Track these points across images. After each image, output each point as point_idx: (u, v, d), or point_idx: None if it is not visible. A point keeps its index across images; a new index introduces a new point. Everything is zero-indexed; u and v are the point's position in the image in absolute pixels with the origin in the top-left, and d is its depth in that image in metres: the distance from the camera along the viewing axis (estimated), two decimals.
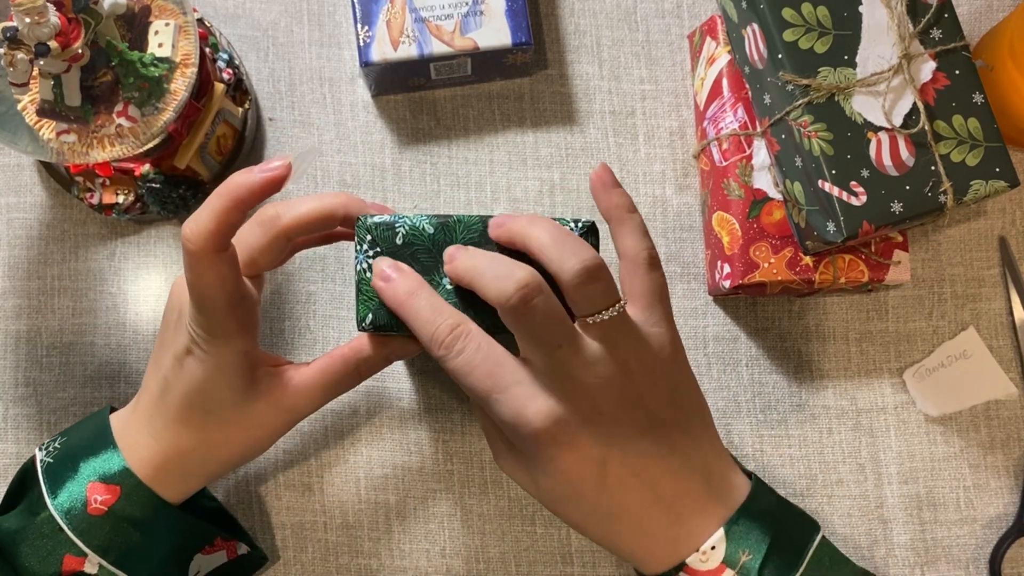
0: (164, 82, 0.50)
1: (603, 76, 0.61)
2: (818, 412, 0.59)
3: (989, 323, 0.59)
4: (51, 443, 0.48)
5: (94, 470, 0.45)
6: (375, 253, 0.43)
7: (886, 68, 0.50)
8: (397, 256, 0.43)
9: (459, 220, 0.43)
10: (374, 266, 0.43)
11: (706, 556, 0.42)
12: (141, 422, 0.47)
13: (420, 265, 0.43)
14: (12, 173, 0.59)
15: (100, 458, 0.46)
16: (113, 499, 0.45)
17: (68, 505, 0.45)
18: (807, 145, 0.50)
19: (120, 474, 0.45)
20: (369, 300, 0.43)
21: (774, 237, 0.54)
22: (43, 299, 0.58)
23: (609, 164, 0.60)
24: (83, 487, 0.45)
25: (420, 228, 0.43)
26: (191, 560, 0.49)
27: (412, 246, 0.43)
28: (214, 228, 0.39)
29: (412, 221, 0.43)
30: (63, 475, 0.46)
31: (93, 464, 0.46)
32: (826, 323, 0.59)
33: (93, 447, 0.46)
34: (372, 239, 0.43)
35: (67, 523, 0.44)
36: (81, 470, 0.46)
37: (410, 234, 0.43)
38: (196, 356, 0.43)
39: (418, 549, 0.57)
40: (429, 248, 0.43)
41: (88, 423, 0.49)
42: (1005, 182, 0.50)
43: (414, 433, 0.58)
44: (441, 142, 0.60)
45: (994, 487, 0.58)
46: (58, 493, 0.45)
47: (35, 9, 0.45)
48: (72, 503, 0.45)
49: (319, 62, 0.60)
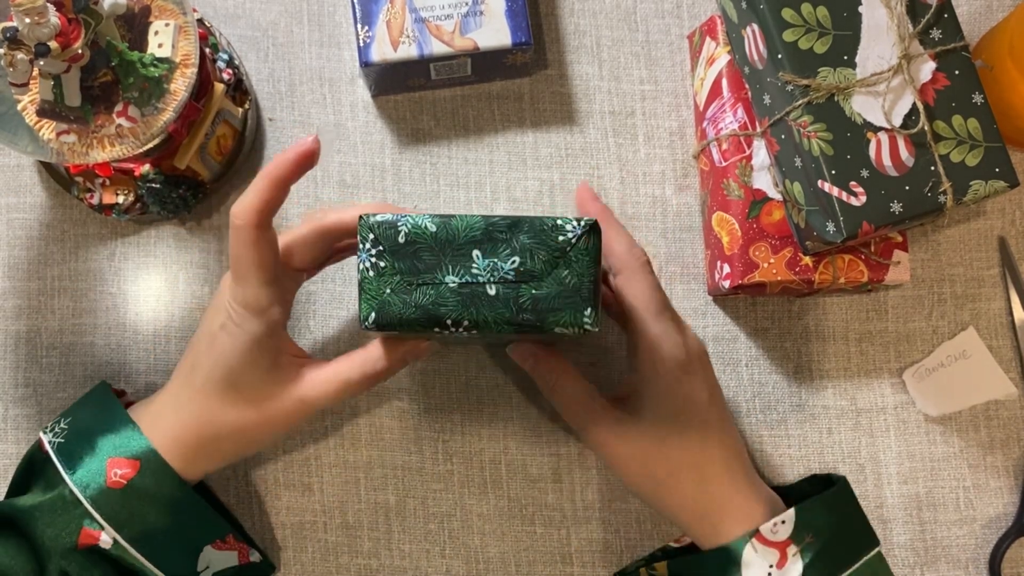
0: (164, 82, 0.50)
1: (603, 76, 0.61)
2: (818, 412, 0.59)
3: (989, 323, 0.59)
4: (55, 425, 0.49)
5: (113, 446, 0.47)
6: (378, 252, 0.43)
7: (886, 68, 0.50)
8: (399, 255, 0.43)
9: (461, 219, 0.43)
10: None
11: (776, 528, 0.48)
12: (167, 400, 0.49)
13: (423, 263, 0.43)
14: (12, 173, 0.59)
15: (120, 435, 0.48)
16: (133, 473, 0.47)
17: (87, 480, 0.47)
18: (807, 145, 0.50)
19: (140, 449, 0.47)
20: (372, 299, 0.43)
21: (774, 237, 0.54)
22: (43, 299, 0.58)
23: (609, 164, 0.60)
24: (103, 462, 0.47)
25: (422, 227, 0.43)
26: (201, 551, 0.49)
27: (414, 244, 0.43)
28: (257, 204, 0.44)
29: (414, 220, 0.43)
30: (79, 452, 0.47)
31: (112, 440, 0.47)
32: (826, 323, 0.59)
33: (108, 424, 0.48)
34: (375, 238, 0.43)
35: (86, 496, 0.46)
36: (99, 447, 0.47)
37: (412, 232, 0.43)
38: (228, 330, 0.46)
39: (418, 549, 0.57)
40: (431, 246, 0.43)
41: (90, 401, 0.50)
42: (1005, 182, 0.50)
43: (414, 433, 0.58)
44: (441, 142, 0.60)
45: (994, 487, 0.58)
46: (76, 468, 0.47)
47: (35, 9, 0.45)
48: (91, 478, 0.46)
49: (319, 62, 0.60)
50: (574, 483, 0.58)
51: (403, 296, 0.43)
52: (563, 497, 0.58)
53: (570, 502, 0.58)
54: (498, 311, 0.42)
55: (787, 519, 0.48)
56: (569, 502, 0.58)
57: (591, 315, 0.43)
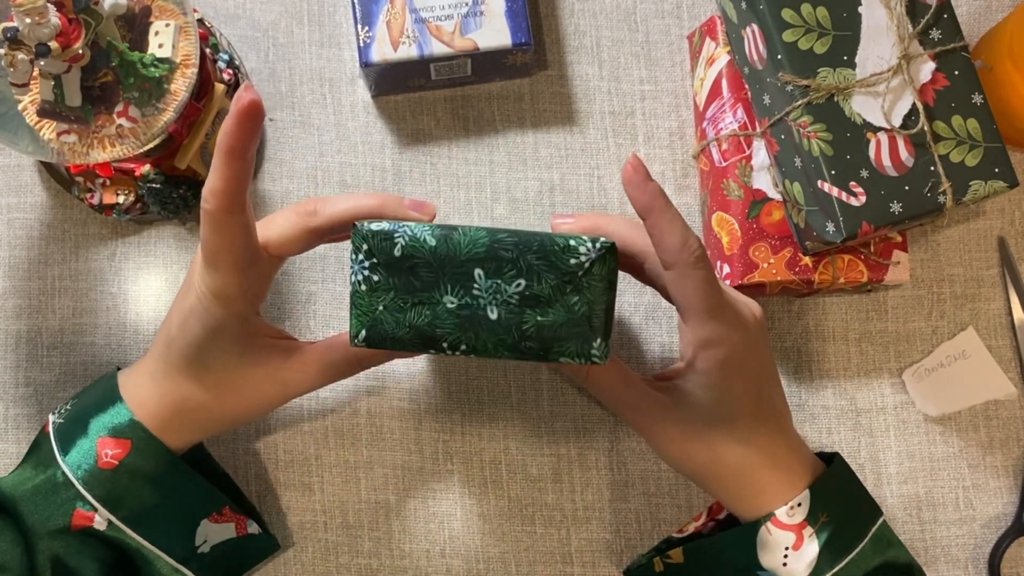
0: (164, 82, 0.50)
1: (603, 76, 0.61)
2: (818, 412, 0.59)
3: (988, 323, 0.60)
4: (63, 407, 0.49)
5: (103, 425, 0.47)
6: (371, 265, 0.40)
7: (885, 69, 0.50)
8: (394, 269, 0.40)
9: (464, 233, 0.40)
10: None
11: (793, 512, 0.47)
12: (146, 374, 0.48)
13: (420, 281, 0.40)
14: (12, 173, 0.59)
15: (108, 413, 0.47)
16: (124, 453, 0.46)
17: (79, 461, 0.46)
18: (806, 145, 0.50)
19: (129, 427, 0.46)
20: (363, 315, 0.41)
21: (773, 237, 0.54)
22: (43, 299, 0.58)
23: (609, 164, 0.60)
24: (93, 443, 0.46)
25: (421, 240, 0.40)
26: (198, 525, 0.49)
27: (411, 259, 0.40)
28: (220, 185, 0.40)
29: (412, 231, 0.40)
30: (73, 433, 0.47)
31: (102, 420, 0.47)
32: (825, 323, 0.59)
33: (101, 404, 0.48)
34: (368, 249, 0.40)
35: (77, 478, 0.46)
36: (91, 427, 0.47)
37: (409, 246, 0.40)
38: (196, 314, 0.45)
39: (418, 549, 0.57)
40: (430, 262, 0.40)
41: (98, 385, 0.50)
42: (1004, 182, 0.50)
43: (414, 433, 0.58)
44: (441, 142, 0.60)
45: (993, 487, 0.58)
46: (69, 450, 0.46)
47: (36, 9, 0.45)
48: (83, 459, 0.46)
49: (319, 62, 0.60)
50: (574, 483, 0.58)
51: (396, 315, 0.40)
52: (563, 497, 0.58)
53: (570, 502, 0.58)
54: (499, 337, 0.40)
55: (803, 501, 0.47)
56: (569, 502, 0.58)
57: (600, 346, 0.40)
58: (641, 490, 0.58)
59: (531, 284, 0.40)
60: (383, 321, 0.40)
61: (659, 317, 0.59)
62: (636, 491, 0.58)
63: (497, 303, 0.40)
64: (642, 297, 0.59)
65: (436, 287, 0.40)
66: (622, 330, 0.59)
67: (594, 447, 0.58)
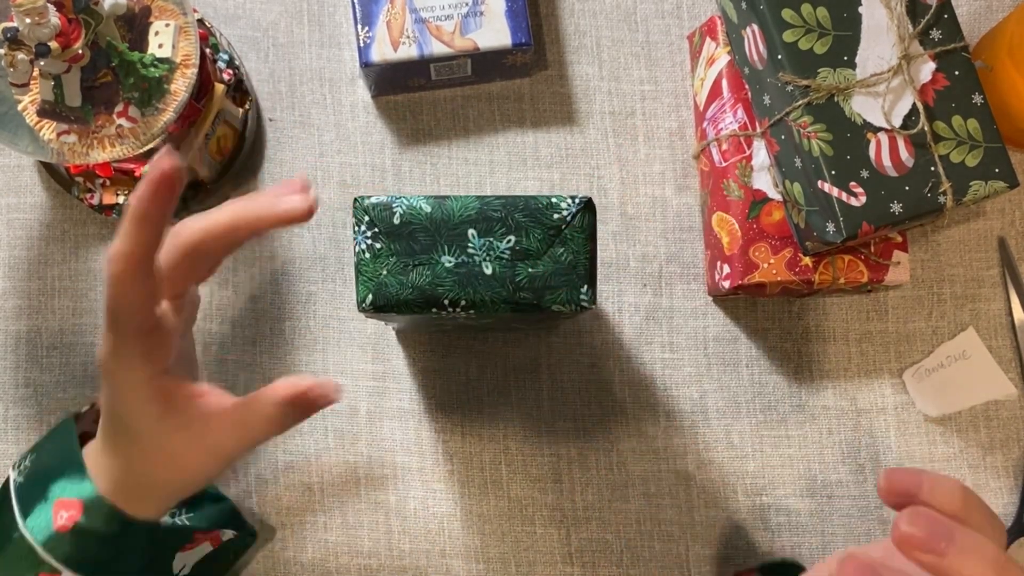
0: (164, 83, 0.50)
1: (603, 76, 0.61)
2: (818, 412, 0.59)
3: (988, 323, 0.60)
4: (22, 461, 0.48)
5: (62, 489, 0.45)
6: (373, 234, 0.44)
7: (886, 69, 0.50)
8: (395, 236, 0.44)
9: (456, 199, 0.44)
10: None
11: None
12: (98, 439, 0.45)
13: (418, 244, 0.44)
14: (12, 174, 0.59)
15: (69, 478, 0.45)
16: (78, 514, 0.44)
17: (40, 523, 0.45)
18: (807, 146, 0.50)
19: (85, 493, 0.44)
20: (369, 280, 0.44)
21: (774, 238, 0.54)
22: (43, 299, 0.58)
23: (609, 164, 0.60)
24: (51, 506, 0.45)
25: (417, 208, 0.44)
26: (173, 559, 0.49)
27: (410, 225, 0.44)
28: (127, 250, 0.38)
29: (409, 201, 0.44)
30: (34, 495, 0.46)
31: (61, 483, 0.45)
32: (826, 324, 0.59)
33: (60, 466, 0.46)
34: (370, 219, 0.44)
35: (39, 542, 0.45)
36: (50, 490, 0.45)
37: (407, 214, 0.44)
38: (108, 380, 0.42)
39: (418, 549, 0.57)
40: (427, 227, 0.44)
41: (54, 438, 0.48)
42: (1004, 183, 0.50)
43: (414, 433, 0.58)
44: (441, 142, 0.60)
45: (994, 487, 0.58)
46: (29, 514, 0.45)
47: (35, 10, 0.45)
48: (43, 521, 0.45)
49: (319, 62, 0.60)
50: (574, 483, 0.58)
51: (400, 277, 0.43)
52: (563, 497, 0.58)
53: (570, 502, 0.58)
54: (495, 290, 0.43)
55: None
56: (569, 502, 0.58)
57: (588, 292, 0.44)
58: (641, 490, 0.58)
59: (520, 239, 0.43)
60: (388, 285, 0.44)
61: (659, 317, 0.59)
62: (636, 491, 0.58)
63: (491, 259, 0.44)
64: (642, 297, 0.59)
65: (434, 249, 0.44)
66: (623, 330, 0.59)
67: (594, 447, 0.58)
